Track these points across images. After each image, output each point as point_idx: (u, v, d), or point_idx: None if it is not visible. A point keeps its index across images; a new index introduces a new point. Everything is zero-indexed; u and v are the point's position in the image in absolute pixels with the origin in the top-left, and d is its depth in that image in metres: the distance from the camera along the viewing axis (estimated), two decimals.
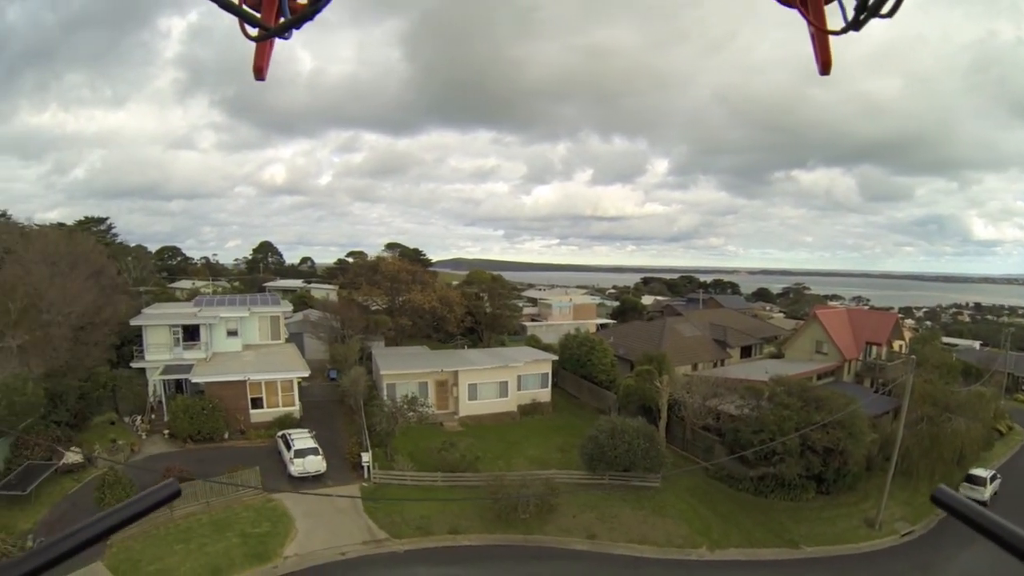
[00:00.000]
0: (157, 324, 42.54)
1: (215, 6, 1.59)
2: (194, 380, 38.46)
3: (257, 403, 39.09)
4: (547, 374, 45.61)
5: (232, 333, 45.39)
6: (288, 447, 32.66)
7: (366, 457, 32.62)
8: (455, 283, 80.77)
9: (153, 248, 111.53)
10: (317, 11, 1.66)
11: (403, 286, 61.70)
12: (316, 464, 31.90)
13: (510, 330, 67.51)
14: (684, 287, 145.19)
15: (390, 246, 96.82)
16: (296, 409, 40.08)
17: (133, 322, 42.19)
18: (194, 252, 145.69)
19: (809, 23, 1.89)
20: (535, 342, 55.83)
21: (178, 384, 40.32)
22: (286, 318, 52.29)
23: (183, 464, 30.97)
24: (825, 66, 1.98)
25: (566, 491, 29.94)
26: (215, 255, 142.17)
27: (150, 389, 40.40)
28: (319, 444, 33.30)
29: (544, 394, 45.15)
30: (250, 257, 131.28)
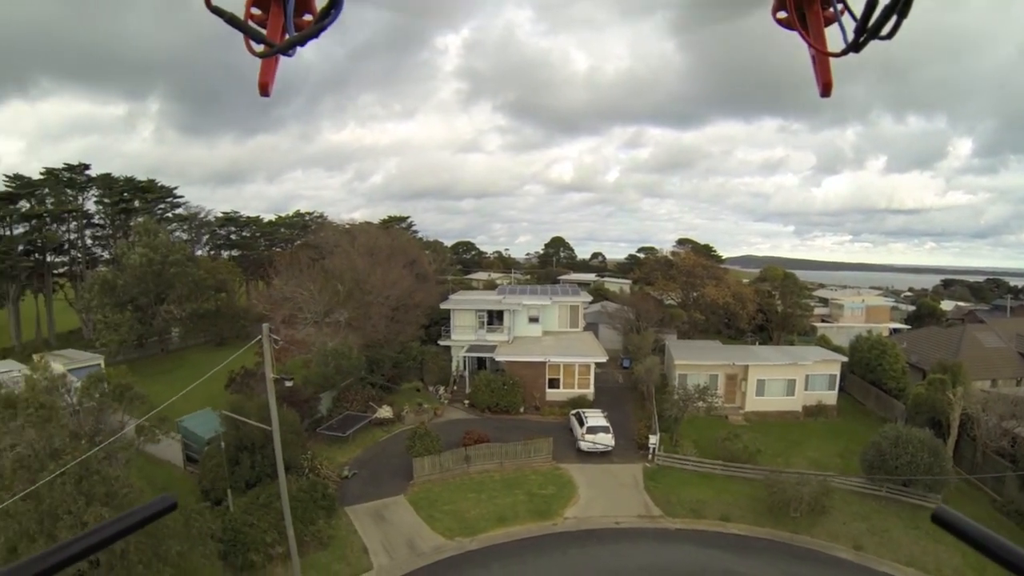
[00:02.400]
0: (464, 308, 49.42)
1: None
2: (497, 359, 43.34)
3: (554, 383, 43.01)
4: (835, 376, 45.09)
5: (533, 319, 50.18)
6: (581, 424, 35.65)
7: (653, 440, 34.08)
8: (745, 280, 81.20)
9: (448, 243, 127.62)
10: (322, 29, 1.74)
11: (698, 281, 63.62)
12: (605, 441, 34.37)
13: (800, 329, 66.43)
14: (990, 292, 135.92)
15: (681, 241, 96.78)
16: (590, 392, 43.11)
17: (443, 306, 49.73)
18: (486, 247, 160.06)
19: (810, 46, 1.98)
20: (825, 343, 55.12)
21: (479, 361, 45.96)
22: (583, 308, 55.67)
23: (481, 429, 35.15)
24: (826, 87, 2.03)
25: (840, 497, 29.70)
26: (507, 249, 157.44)
27: (454, 364, 46.97)
28: (609, 424, 35.58)
29: (830, 396, 44.45)
30: (542, 252, 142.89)
